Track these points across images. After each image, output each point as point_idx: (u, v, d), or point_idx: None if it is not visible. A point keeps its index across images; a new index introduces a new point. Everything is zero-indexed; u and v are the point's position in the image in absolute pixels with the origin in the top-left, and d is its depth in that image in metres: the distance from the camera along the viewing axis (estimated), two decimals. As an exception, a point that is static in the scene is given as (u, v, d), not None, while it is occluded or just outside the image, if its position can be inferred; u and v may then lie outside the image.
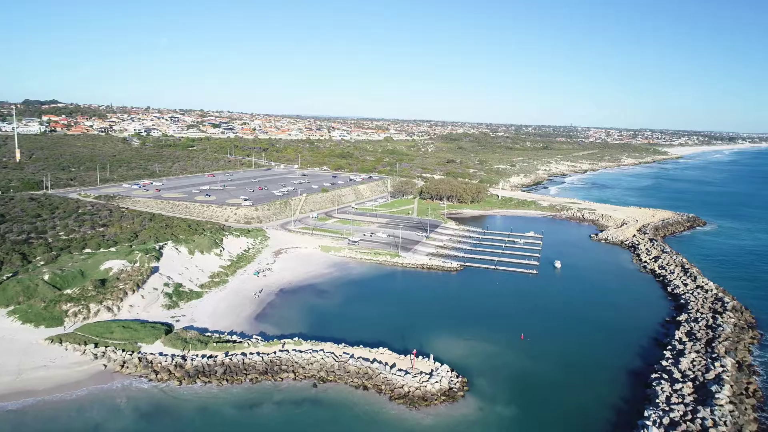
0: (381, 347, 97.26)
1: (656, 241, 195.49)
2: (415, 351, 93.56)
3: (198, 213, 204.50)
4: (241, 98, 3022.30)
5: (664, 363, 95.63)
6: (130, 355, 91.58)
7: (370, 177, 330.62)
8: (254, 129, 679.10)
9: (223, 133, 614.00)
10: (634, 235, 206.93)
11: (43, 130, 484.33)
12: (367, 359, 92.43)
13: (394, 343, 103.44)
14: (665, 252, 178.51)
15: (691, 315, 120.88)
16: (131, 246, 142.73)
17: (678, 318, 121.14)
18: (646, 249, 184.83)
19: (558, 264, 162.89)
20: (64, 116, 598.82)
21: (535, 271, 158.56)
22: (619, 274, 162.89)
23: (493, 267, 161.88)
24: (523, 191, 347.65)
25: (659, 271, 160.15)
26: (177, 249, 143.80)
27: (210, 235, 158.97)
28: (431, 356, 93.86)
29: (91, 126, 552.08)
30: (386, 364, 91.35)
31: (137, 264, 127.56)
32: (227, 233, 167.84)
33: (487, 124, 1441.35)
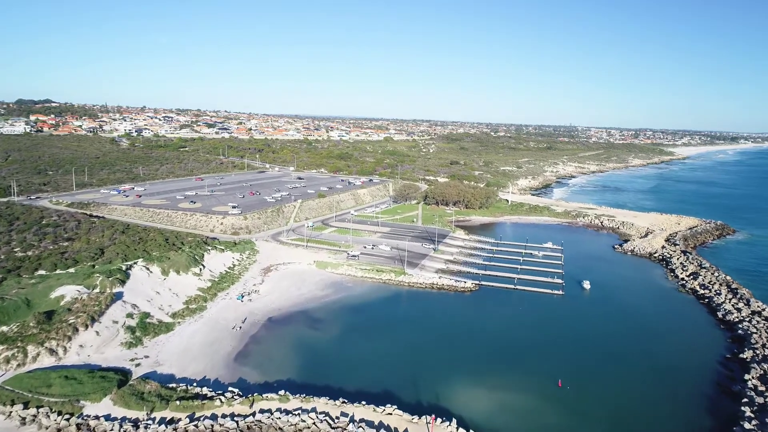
0: (389, 404, 77.21)
1: (690, 254, 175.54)
2: (434, 416, 73.44)
3: (180, 222, 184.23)
4: (239, 98, 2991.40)
5: (746, 426, 75.77)
6: (68, 420, 71.40)
7: (371, 180, 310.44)
8: (250, 129, 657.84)
9: (217, 133, 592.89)
10: (664, 246, 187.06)
11: (28, 130, 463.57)
12: (371, 423, 72.44)
13: (403, 394, 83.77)
14: (703, 267, 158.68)
15: (758, 352, 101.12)
16: (93, 266, 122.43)
17: (742, 355, 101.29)
18: (681, 263, 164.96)
19: (587, 285, 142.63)
20: (53, 116, 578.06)
21: (560, 292, 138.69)
22: (656, 294, 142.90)
23: (513, 286, 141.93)
24: (533, 195, 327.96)
25: (702, 291, 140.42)
26: (148, 269, 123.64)
27: (189, 250, 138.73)
28: (453, 420, 73.76)
29: (80, 126, 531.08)
30: (396, 431, 71.32)
31: (96, 290, 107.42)
32: (210, 247, 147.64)
33: (487, 124, 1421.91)
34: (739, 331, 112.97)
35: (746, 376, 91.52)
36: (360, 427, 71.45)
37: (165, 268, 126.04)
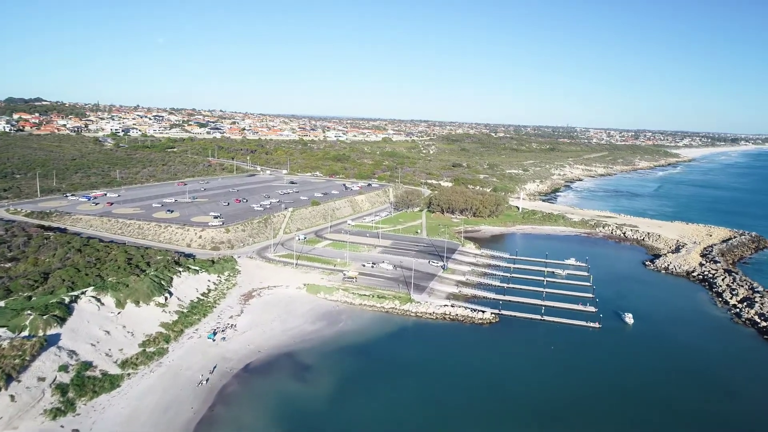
0: None
1: (736, 273, 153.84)
2: None
3: (153, 236, 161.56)
4: (236, 98, 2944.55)
5: None
6: None
7: (369, 185, 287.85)
8: (243, 129, 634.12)
9: (208, 133, 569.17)
10: (702, 264, 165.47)
11: (8, 129, 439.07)
12: None
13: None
14: (756, 291, 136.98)
15: None
16: (30, 297, 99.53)
17: None
18: (728, 285, 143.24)
19: (629, 319, 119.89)
20: (37, 114, 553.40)
21: (597, 324, 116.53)
22: (710, 328, 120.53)
23: (539, 317, 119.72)
24: (543, 200, 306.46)
25: (763, 324, 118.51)
26: (98, 300, 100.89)
27: (154, 274, 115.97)
28: None
29: (64, 125, 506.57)
30: None
31: (24, 333, 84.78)
32: (181, 269, 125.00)
33: (485, 124, 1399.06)
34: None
35: None
36: None
37: (121, 298, 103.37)
